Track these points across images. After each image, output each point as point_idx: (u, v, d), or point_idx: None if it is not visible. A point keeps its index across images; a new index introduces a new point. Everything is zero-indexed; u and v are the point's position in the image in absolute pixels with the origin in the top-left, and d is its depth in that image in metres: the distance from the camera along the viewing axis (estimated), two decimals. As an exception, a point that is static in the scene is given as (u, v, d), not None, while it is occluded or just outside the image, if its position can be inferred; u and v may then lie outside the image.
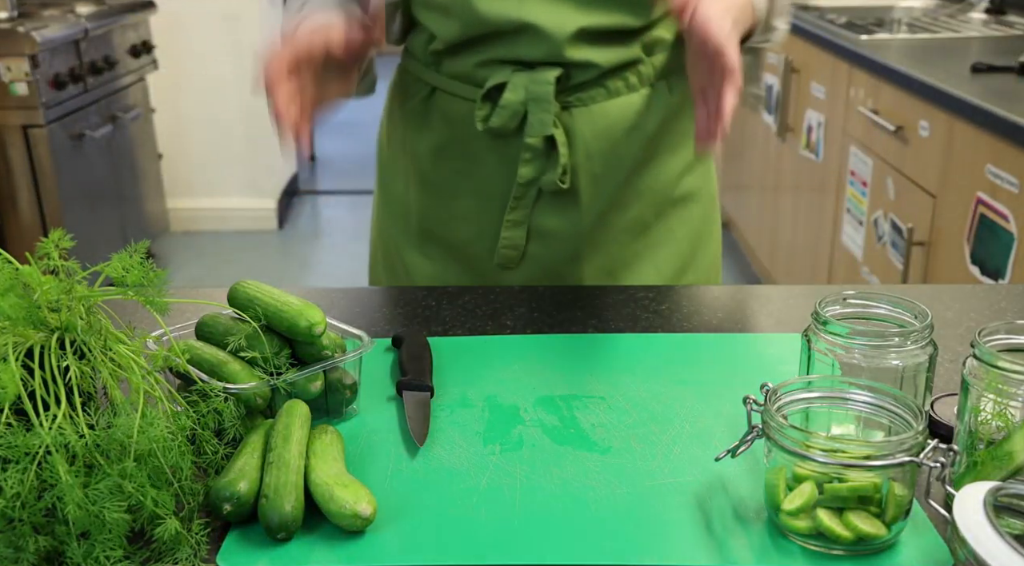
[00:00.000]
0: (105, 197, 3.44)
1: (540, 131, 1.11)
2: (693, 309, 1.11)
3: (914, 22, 3.08)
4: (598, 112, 1.14)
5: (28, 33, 2.90)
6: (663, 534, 0.72)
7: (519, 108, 1.11)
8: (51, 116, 3.03)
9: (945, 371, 0.94)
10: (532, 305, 1.11)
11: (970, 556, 0.61)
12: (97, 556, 0.65)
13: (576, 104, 1.13)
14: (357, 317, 1.09)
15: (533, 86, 1.10)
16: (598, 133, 1.15)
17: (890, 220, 2.43)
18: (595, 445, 0.84)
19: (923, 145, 2.25)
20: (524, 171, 1.13)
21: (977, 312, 1.09)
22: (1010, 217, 1.86)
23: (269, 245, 4.28)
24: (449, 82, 1.16)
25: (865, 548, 0.70)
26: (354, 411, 0.89)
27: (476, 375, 0.95)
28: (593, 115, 1.14)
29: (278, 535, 0.71)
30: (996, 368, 0.73)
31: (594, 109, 1.14)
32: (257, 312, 0.86)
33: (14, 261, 0.75)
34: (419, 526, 0.73)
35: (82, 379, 0.71)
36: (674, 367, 0.97)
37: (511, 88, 1.10)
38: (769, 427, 0.71)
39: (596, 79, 1.13)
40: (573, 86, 1.12)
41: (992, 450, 0.72)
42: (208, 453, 0.76)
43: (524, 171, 1.13)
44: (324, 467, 0.75)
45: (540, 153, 1.13)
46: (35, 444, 0.65)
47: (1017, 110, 1.87)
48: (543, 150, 1.13)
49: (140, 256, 0.77)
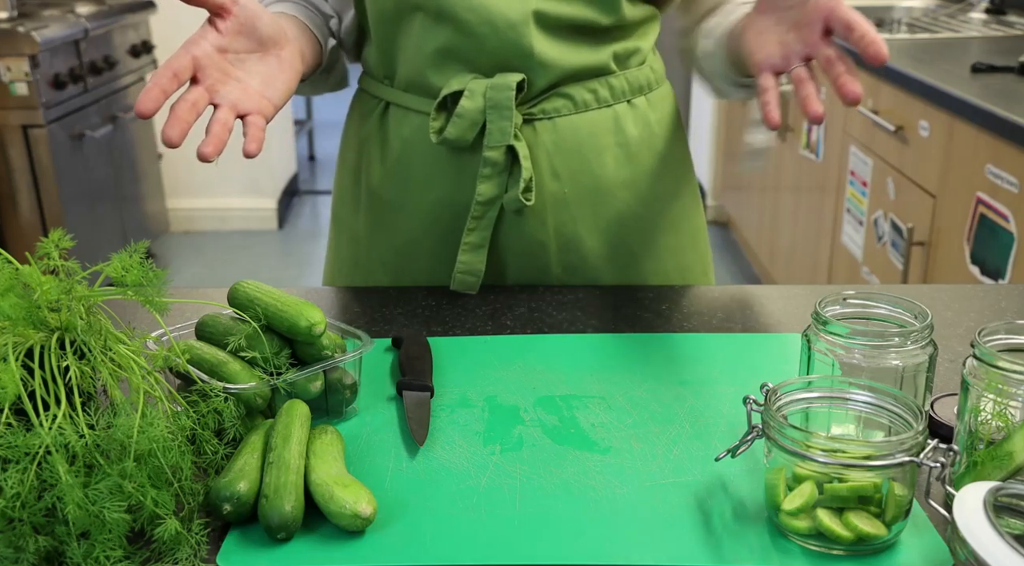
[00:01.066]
0: (105, 197, 3.44)
1: (500, 140, 1.04)
2: (693, 309, 1.11)
3: (914, 22, 3.07)
4: (564, 126, 1.08)
5: (28, 33, 2.90)
6: (663, 534, 0.72)
7: (477, 117, 1.04)
8: (51, 116, 3.03)
9: (945, 371, 0.94)
10: (532, 305, 1.11)
11: (970, 556, 0.61)
12: (97, 556, 0.65)
13: (540, 116, 1.07)
14: (357, 317, 1.09)
15: (492, 93, 1.03)
16: (565, 150, 1.08)
17: (890, 220, 2.43)
18: (595, 445, 0.84)
19: (923, 145, 2.25)
20: (483, 188, 1.06)
21: (977, 312, 1.09)
22: (1010, 217, 1.86)
23: (269, 245, 4.28)
24: (403, 95, 1.10)
25: (865, 548, 0.70)
26: (354, 411, 0.89)
27: (476, 375, 0.95)
28: (559, 129, 1.08)
29: (278, 535, 0.71)
30: (996, 368, 0.73)
31: (560, 123, 1.08)
32: (257, 312, 0.86)
33: (14, 261, 0.75)
34: (419, 526, 0.73)
35: (82, 379, 0.71)
36: (674, 367, 0.97)
37: (468, 95, 1.03)
38: (769, 427, 0.71)
39: (560, 86, 1.07)
40: (536, 94, 1.06)
41: (992, 450, 0.72)
42: (208, 453, 0.76)
43: (483, 188, 1.06)
44: (324, 467, 0.75)
45: (501, 168, 1.06)
46: (35, 444, 0.65)
47: (1017, 110, 1.87)
48: (504, 164, 1.06)
49: (140, 256, 0.77)
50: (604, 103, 1.09)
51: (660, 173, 1.15)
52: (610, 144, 1.10)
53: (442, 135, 1.06)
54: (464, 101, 1.04)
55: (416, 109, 1.10)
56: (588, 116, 1.09)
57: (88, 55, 3.28)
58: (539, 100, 1.07)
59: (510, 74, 1.04)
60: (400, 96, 1.11)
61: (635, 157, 1.12)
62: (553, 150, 1.08)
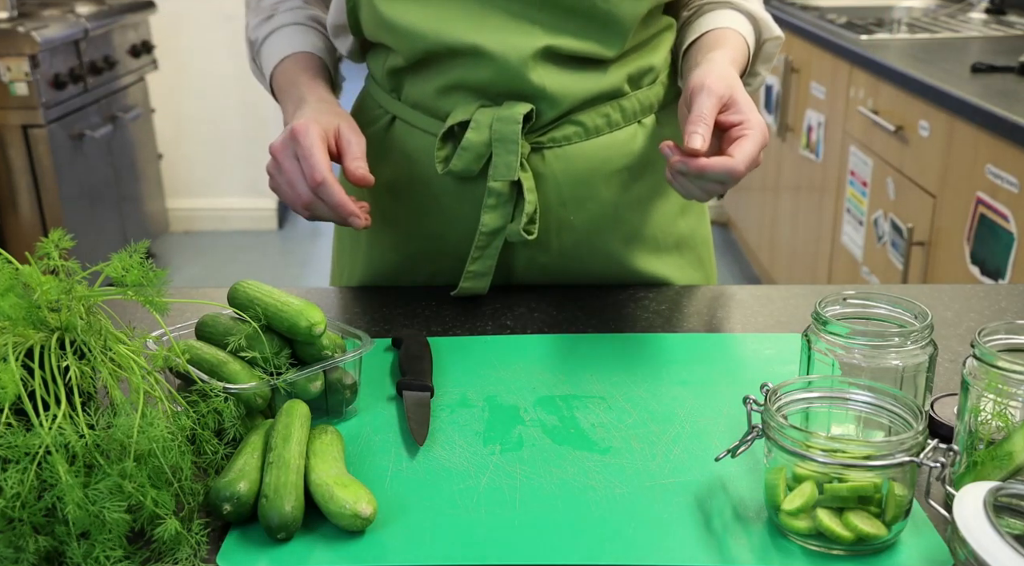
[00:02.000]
0: (105, 197, 3.44)
1: (504, 175, 1.01)
2: (693, 309, 1.11)
3: (914, 22, 3.07)
4: (575, 154, 1.05)
5: (28, 33, 2.90)
6: (663, 534, 0.72)
7: (483, 149, 1.01)
8: (51, 116, 3.03)
9: (945, 371, 0.94)
10: (532, 305, 1.11)
11: (970, 556, 0.61)
12: (97, 556, 0.65)
13: (549, 145, 1.04)
14: (357, 317, 1.09)
15: (498, 125, 1.00)
16: (575, 178, 1.06)
17: (890, 220, 2.43)
18: (595, 445, 0.84)
19: (923, 145, 2.25)
20: (488, 218, 1.04)
21: (977, 312, 1.09)
22: (1010, 217, 1.86)
23: (269, 245, 4.28)
24: (410, 112, 1.08)
25: (865, 548, 0.70)
26: (354, 411, 0.89)
27: (476, 375, 0.95)
28: (569, 158, 1.05)
29: (278, 535, 0.71)
30: (996, 368, 0.73)
31: (569, 151, 1.05)
32: (257, 312, 0.86)
33: (14, 261, 0.75)
34: (419, 526, 0.73)
35: (82, 379, 0.71)
36: (674, 367, 0.97)
37: (474, 127, 1.01)
38: (769, 427, 0.71)
39: (570, 115, 1.04)
40: (545, 124, 1.03)
41: (992, 450, 0.72)
42: (208, 453, 0.76)
43: (488, 218, 1.04)
44: (324, 467, 0.75)
45: (506, 198, 1.03)
46: (35, 444, 0.65)
47: (1017, 110, 1.87)
48: (509, 195, 1.03)
49: (140, 256, 0.77)
50: (616, 126, 1.07)
51: (667, 191, 1.13)
52: (619, 168, 1.08)
53: (447, 166, 1.04)
54: (470, 133, 1.01)
55: (422, 128, 1.07)
56: (599, 141, 1.06)
57: (88, 55, 3.28)
58: (549, 129, 1.04)
59: (518, 105, 1.01)
60: (407, 112, 1.09)
61: (643, 177, 1.10)
62: (562, 179, 1.06)
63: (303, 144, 0.94)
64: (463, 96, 1.03)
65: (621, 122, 1.07)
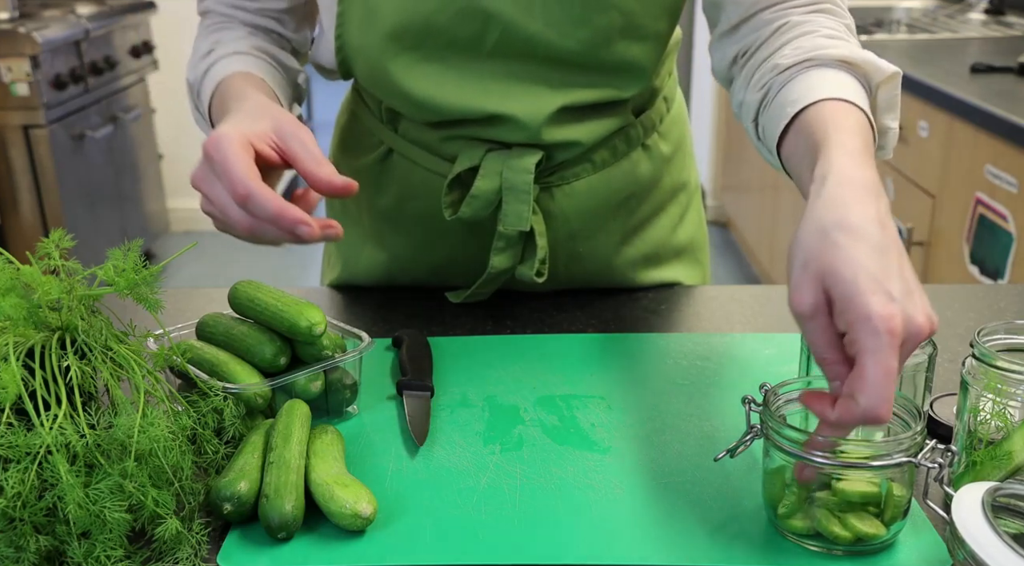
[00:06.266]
0: (105, 197, 3.45)
1: (515, 224, 0.98)
2: (693, 309, 1.11)
3: (913, 22, 3.08)
4: (582, 190, 1.03)
5: (29, 34, 2.90)
6: (663, 534, 0.72)
7: (492, 197, 0.98)
8: (52, 116, 3.04)
9: (945, 371, 0.94)
10: (532, 305, 1.11)
11: (968, 556, 0.61)
12: (98, 556, 0.65)
13: (558, 183, 1.02)
14: (357, 317, 1.09)
15: (509, 173, 0.97)
16: (583, 213, 1.04)
17: (890, 220, 2.43)
18: (595, 445, 0.84)
19: (922, 145, 2.25)
20: (497, 260, 1.01)
21: (977, 312, 1.09)
22: (1009, 217, 1.86)
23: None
24: (409, 147, 1.02)
25: (864, 548, 0.70)
26: (354, 411, 0.89)
27: (476, 375, 0.96)
28: (577, 194, 1.03)
29: (278, 535, 0.71)
30: (995, 368, 0.73)
31: (577, 187, 1.03)
32: (257, 312, 0.86)
33: (15, 261, 0.75)
34: (419, 526, 0.73)
35: (83, 379, 0.71)
36: (674, 367, 0.97)
37: (484, 174, 0.97)
38: (768, 427, 0.71)
39: (581, 156, 1.02)
40: (556, 165, 1.01)
41: (991, 450, 0.72)
42: (208, 453, 0.76)
43: (497, 260, 1.01)
44: (324, 467, 0.75)
45: (515, 241, 1.00)
46: (36, 444, 0.65)
47: (1017, 110, 1.87)
48: (518, 238, 1.00)
49: (135, 254, 0.77)
50: (621, 156, 1.05)
51: (668, 205, 1.13)
52: (626, 196, 1.07)
53: (456, 212, 1.00)
54: (479, 181, 0.98)
55: (425, 166, 1.03)
56: (605, 173, 1.04)
57: (89, 55, 3.28)
58: (559, 169, 1.03)
59: (528, 153, 0.98)
60: (407, 147, 1.04)
61: (648, 198, 1.10)
62: (572, 215, 1.05)
63: (216, 159, 0.77)
64: (469, 141, 1.00)
65: (627, 150, 1.05)
